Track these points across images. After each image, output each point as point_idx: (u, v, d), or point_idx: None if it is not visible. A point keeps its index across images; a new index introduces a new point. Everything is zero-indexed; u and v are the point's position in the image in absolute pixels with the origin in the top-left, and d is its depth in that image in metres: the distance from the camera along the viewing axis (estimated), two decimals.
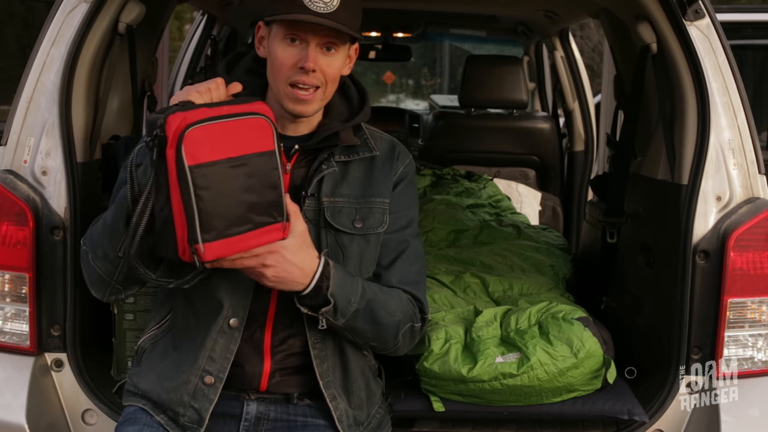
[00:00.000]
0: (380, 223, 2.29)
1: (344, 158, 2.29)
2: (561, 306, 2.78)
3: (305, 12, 2.11)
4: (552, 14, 4.83)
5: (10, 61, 6.68)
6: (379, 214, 2.30)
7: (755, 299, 2.60)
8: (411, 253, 2.34)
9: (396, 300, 2.26)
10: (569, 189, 5.36)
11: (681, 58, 2.67)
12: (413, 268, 2.34)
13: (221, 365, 2.19)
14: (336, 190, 2.27)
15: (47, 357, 2.65)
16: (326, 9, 2.11)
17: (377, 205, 2.30)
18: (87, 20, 2.65)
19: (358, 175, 2.31)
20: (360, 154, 2.31)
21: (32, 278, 2.58)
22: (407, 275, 2.32)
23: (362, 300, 2.18)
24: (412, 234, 2.35)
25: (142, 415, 2.25)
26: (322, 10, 2.11)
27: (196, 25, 5.25)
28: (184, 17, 15.83)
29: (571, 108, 5.28)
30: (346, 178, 2.29)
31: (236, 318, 2.20)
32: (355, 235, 2.26)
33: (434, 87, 16.66)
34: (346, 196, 2.28)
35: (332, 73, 2.20)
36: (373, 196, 2.30)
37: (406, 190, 2.36)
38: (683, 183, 2.67)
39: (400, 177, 2.35)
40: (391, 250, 2.31)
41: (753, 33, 5.67)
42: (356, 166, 2.31)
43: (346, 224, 2.26)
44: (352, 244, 2.26)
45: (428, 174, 4.68)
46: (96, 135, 2.80)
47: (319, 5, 2.11)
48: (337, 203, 2.27)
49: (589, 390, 2.66)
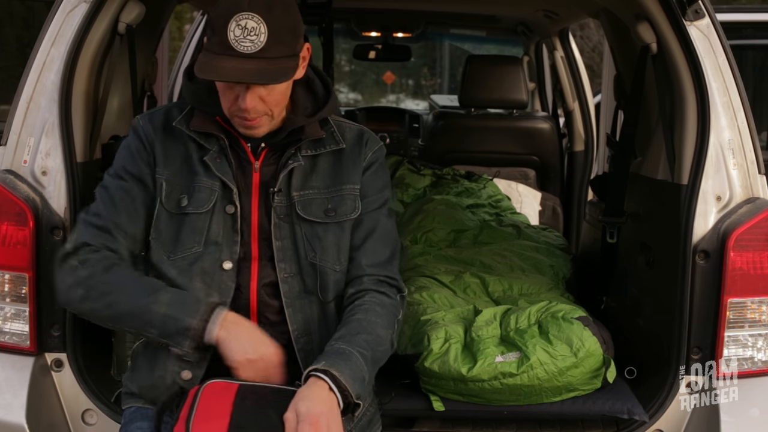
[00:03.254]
0: (353, 209, 2.30)
1: (311, 152, 2.29)
2: (561, 305, 2.78)
3: (231, 54, 2.06)
4: (552, 14, 4.83)
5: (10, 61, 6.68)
6: (351, 200, 2.30)
7: (755, 299, 2.60)
8: (382, 233, 2.33)
9: (380, 321, 2.23)
10: (569, 189, 5.36)
11: (681, 58, 2.67)
12: (385, 248, 2.33)
13: (198, 365, 2.21)
14: (305, 183, 2.28)
15: (47, 357, 2.65)
16: (254, 48, 2.06)
17: (348, 191, 2.30)
18: (87, 20, 2.65)
19: (327, 166, 2.31)
20: (327, 147, 2.30)
21: (32, 278, 2.58)
22: (378, 255, 2.31)
23: (371, 366, 2.17)
24: (384, 213, 2.36)
25: (146, 411, 2.27)
26: (250, 50, 2.05)
27: (196, 25, 5.25)
28: (184, 17, 15.82)
29: (571, 108, 5.28)
30: (315, 171, 2.29)
31: None
32: (330, 224, 2.27)
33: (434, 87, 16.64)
34: (316, 188, 2.28)
35: (275, 100, 2.17)
36: (342, 183, 2.30)
37: (377, 174, 2.35)
38: (683, 183, 2.67)
39: (370, 162, 2.34)
40: (363, 229, 2.31)
41: (753, 33, 5.67)
42: (324, 158, 2.31)
43: (318, 214, 2.27)
44: (327, 233, 2.27)
45: (428, 174, 4.68)
46: (96, 135, 2.80)
47: (246, 45, 2.05)
48: (308, 195, 2.27)
49: (589, 389, 2.66)
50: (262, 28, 2.06)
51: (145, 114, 2.35)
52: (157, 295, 2.17)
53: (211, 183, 2.24)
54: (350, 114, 6.02)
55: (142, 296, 2.18)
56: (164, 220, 2.26)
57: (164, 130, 2.29)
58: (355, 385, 2.08)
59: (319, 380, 2.04)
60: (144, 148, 2.28)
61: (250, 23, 2.05)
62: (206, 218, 2.23)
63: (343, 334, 2.19)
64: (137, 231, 2.27)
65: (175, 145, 2.28)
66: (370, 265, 2.30)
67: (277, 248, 2.26)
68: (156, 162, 2.27)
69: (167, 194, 2.25)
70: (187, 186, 2.25)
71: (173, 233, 2.25)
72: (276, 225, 2.26)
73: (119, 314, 2.20)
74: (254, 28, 2.06)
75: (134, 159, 2.28)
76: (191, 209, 2.24)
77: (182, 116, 2.28)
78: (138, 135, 2.29)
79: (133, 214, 2.26)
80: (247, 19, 2.05)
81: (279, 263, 2.26)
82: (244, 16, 2.05)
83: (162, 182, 2.26)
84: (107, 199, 2.27)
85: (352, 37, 6.98)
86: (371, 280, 2.30)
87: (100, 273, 2.20)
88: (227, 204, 2.24)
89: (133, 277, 2.22)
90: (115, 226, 2.25)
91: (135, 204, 2.26)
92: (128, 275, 2.22)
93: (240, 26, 2.05)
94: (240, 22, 2.05)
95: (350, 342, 2.16)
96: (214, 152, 2.25)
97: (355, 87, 16.94)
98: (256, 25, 2.06)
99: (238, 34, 2.05)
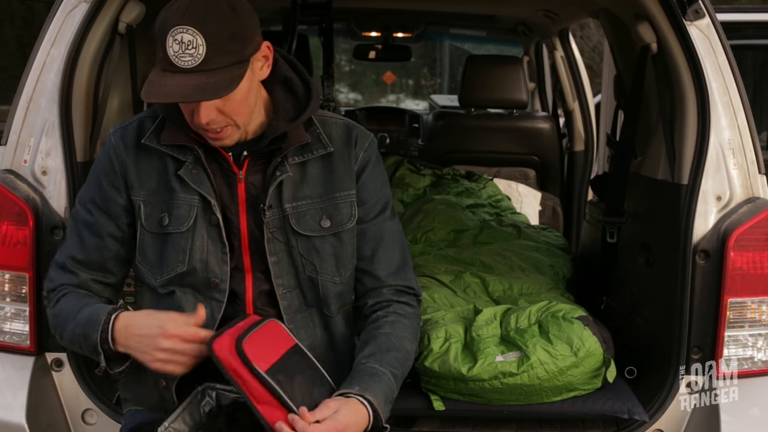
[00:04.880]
0: (349, 217, 2.23)
1: (299, 159, 2.19)
2: (561, 305, 2.78)
3: (173, 70, 1.99)
4: (552, 14, 4.84)
5: (10, 61, 6.69)
6: (347, 208, 2.23)
7: (755, 299, 2.60)
8: (390, 238, 2.29)
9: (407, 335, 2.23)
10: (569, 189, 5.36)
11: (681, 58, 2.67)
12: (396, 252, 2.29)
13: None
14: (297, 194, 2.19)
15: (47, 357, 2.65)
16: (194, 62, 1.97)
17: (343, 199, 2.23)
18: (87, 20, 2.65)
19: (317, 172, 2.21)
20: (315, 152, 2.21)
21: (32, 278, 2.58)
22: (392, 263, 2.27)
23: (399, 383, 2.17)
24: (388, 217, 2.30)
25: (148, 414, 2.26)
26: (190, 65, 1.97)
27: None
28: None
29: (571, 108, 5.28)
30: (306, 179, 2.21)
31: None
32: (326, 236, 2.21)
33: (434, 87, 16.66)
34: (309, 197, 2.21)
35: (234, 109, 2.07)
36: (336, 191, 2.22)
37: (373, 175, 2.26)
38: (683, 183, 2.67)
39: (363, 163, 2.25)
40: (370, 239, 2.26)
41: (753, 33, 5.67)
42: (314, 164, 2.21)
43: (313, 227, 2.20)
44: (324, 245, 2.21)
45: (428, 174, 4.68)
46: (96, 135, 2.80)
47: (186, 59, 1.97)
48: (301, 206, 2.20)
49: (589, 389, 2.66)
50: (199, 40, 1.97)
51: (117, 128, 2.27)
52: (77, 315, 2.15)
53: (189, 198, 2.17)
54: (350, 114, 6.01)
55: (70, 321, 2.16)
56: (148, 241, 2.21)
57: (137, 147, 2.21)
58: (386, 408, 2.07)
59: (360, 404, 2.02)
60: (113, 171, 2.21)
61: (186, 36, 1.97)
62: (188, 236, 2.17)
63: (373, 351, 2.15)
64: (105, 263, 2.25)
65: (150, 160, 2.20)
66: (387, 276, 2.27)
67: (272, 263, 2.20)
68: (129, 184, 2.20)
69: (147, 215, 2.20)
70: (167, 203, 2.19)
71: (157, 254, 2.20)
72: (269, 240, 2.19)
73: (67, 344, 2.23)
74: (191, 41, 1.98)
75: (100, 187, 2.23)
76: (172, 228, 2.18)
77: (151, 131, 2.20)
78: (108, 155, 2.23)
79: (98, 249, 2.23)
80: (182, 32, 1.97)
81: (276, 279, 2.20)
82: (179, 30, 1.97)
83: (139, 204, 2.20)
84: (73, 233, 2.26)
85: (352, 37, 6.98)
86: (391, 290, 2.27)
87: (51, 308, 2.24)
88: (210, 215, 2.17)
89: (70, 304, 2.20)
90: (75, 263, 2.24)
91: (100, 239, 2.23)
92: (70, 303, 2.20)
93: (177, 41, 1.98)
94: (176, 36, 1.98)
95: (381, 361, 2.13)
96: (189, 164, 2.17)
97: (355, 87, 16.96)
98: (192, 38, 1.98)
99: (177, 49, 1.98)
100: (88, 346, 2.12)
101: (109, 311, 2.12)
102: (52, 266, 2.29)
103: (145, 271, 2.22)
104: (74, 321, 2.16)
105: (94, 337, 2.09)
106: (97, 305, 2.18)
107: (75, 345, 2.18)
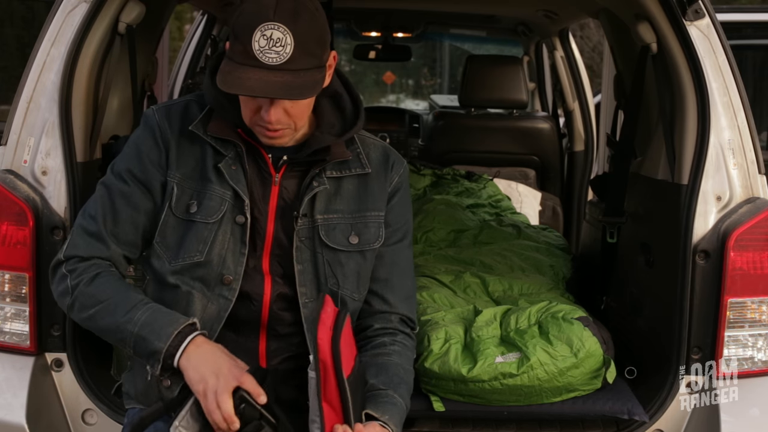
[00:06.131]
0: (376, 238, 2.26)
1: (336, 174, 2.21)
2: (561, 306, 2.78)
3: (255, 65, 1.98)
4: (552, 14, 4.84)
5: (10, 61, 6.69)
6: (375, 228, 2.26)
7: (755, 299, 2.60)
8: (406, 265, 2.33)
9: (410, 369, 2.28)
10: (569, 189, 5.36)
11: (681, 58, 2.67)
12: (407, 281, 2.34)
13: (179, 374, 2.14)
14: (329, 207, 2.21)
15: (47, 357, 2.65)
16: (279, 59, 1.97)
17: (372, 219, 2.26)
18: (87, 20, 2.65)
19: (351, 188, 2.24)
20: (352, 170, 2.23)
21: (32, 278, 2.58)
22: (404, 290, 2.32)
23: (406, 408, 2.21)
24: (407, 246, 2.34)
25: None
26: (275, 62, 1.97)
27: (196, 25, 5.25)
28: (184, 17, 15.82)
29: (571, 108, 5.29)
30: (340, 194, 2.23)
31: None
32: (352, 252, 2.22)
33: (434, 87, 16.66)
34: (340, 212, 2.22)
35: (300, 112, 2.09)
36: (368, 210, 2.25)
37: (402, 200, 2.31)
38: (683, 183, 2.67)
39: (396, 187, 2.29)
40: (387, 263, 2.28)
41: (753, 33, 5.67)
42: (349, 181, 2.24)
43: (341, 242, 2.21)
44: (349, 261, 2.22)
45: (428, 174, 4.68)
46: (96, 135, 2.80)
47: (271, 56, 1.97)
48: (332, 220, 2.21)
49: (589, 390, 2.66)
50: (288, 39, 1.97)
51: (161, 107, 2.25)
52: (132, 313, 2.11)
53: (222, 192, 2.17)
54: None
55: (119, 313, 2.12)
56: (171, 224, 2.19)
57: (181, 130, 2.20)
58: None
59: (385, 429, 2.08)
60: (156, 147, 2.20)
61: (276, 33, 1.97)
62: (213, 229, 2.17)
63: (390, 381, 2.18)
64: (136, 238, 2.22)
65: (191, 146, 2.20)
66: (397, 303, 2.29)
67: (298, 272, 2.20)
68: (168, 164, 2.19)
69: (177, 198, 2.19)
70: (198, 192, 2.18)
71: (178, 238, 2.19)
72: (298, 248, 2.19)
73: (99, 328, 2.18)
74: (280, 39, 1.97)
75: (141, 161, 2.20)
76: (199, 217, 2.17)
77: (200, 119, 2.20)
78: (152, 132, 2.21)
79: (132, 221, 2.20)
80: (273, 29, 1.97)
81: (300, 287, 2.20)
82: (270, 26, 1.97)
83: (173, 186, 2.18)
84: (107, 202, 2.21)
85: (352, 37, 6.98)
86: (398, 318, 2.30)
87: (85, 284, 2.17)
88: (237, 214, 2.17)
89: (114, 290, 2.16)
90: (108, 233, 2.19)
91: (135, 211, 2.20)
92: (111, 287, 2.16)
93: (265, 37, 1.97)
94: (265, 32, 1.97)
95: (397, 391, 2.18)
96: (229, 159, 2.17)
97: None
98: (281, 36, 1.97)
99: (263, 44, 1.97)
100: (141, 349, 2.09)
101: (182, 328, 2.09)
102: (76, 232, 2.22)
103: (161, 253, 2.20)
104: (125, 315, 2.11)
105: (157, 345, 2.07)
106: (156, 308, 2.13)
107: (114, 337, 2.15)
